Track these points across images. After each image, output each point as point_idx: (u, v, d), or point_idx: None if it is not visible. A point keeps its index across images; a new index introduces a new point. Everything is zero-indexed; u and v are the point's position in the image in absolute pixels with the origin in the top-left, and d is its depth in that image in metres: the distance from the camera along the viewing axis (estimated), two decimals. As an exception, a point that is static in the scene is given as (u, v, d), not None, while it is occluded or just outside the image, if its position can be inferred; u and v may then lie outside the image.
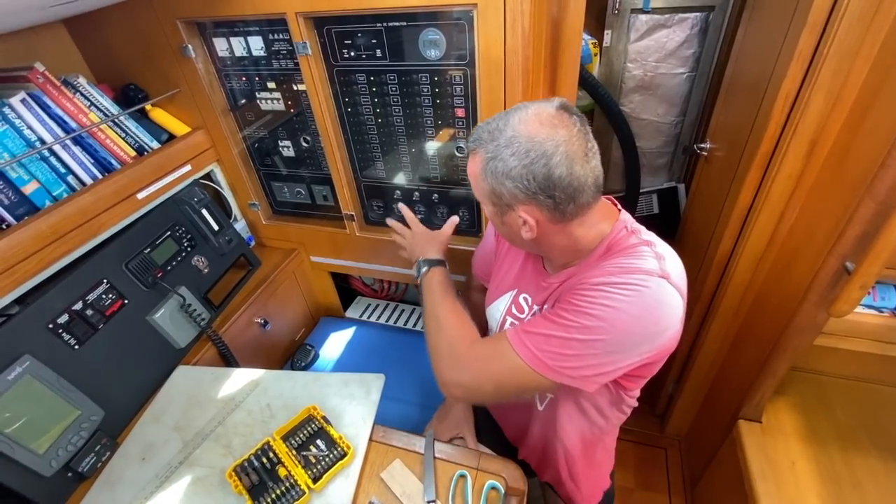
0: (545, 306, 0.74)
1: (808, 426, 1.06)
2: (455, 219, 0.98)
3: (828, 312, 0.82)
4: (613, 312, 0.58)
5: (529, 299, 0.79)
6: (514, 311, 0.81)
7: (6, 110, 0.86)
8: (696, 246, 1.39)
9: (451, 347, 0.72)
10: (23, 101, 0.88)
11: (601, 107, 1.64)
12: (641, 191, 1.81)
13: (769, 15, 1.05)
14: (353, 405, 0.88)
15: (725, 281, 1.15)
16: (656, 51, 1.58)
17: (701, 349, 1.29)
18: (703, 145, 1.40)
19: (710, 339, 1.25)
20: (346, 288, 1.60)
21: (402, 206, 1.01)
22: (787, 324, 0.92)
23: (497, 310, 0.84)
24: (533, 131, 0.59)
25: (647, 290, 0.59)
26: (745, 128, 1.05)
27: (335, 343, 1.39)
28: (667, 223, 1.82)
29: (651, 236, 0.67)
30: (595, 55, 1.64)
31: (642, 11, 1.54)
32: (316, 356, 1.34)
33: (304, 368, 1.29)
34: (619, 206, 0.72)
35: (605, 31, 1.61)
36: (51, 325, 0.82)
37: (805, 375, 1.15)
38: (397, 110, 1.00)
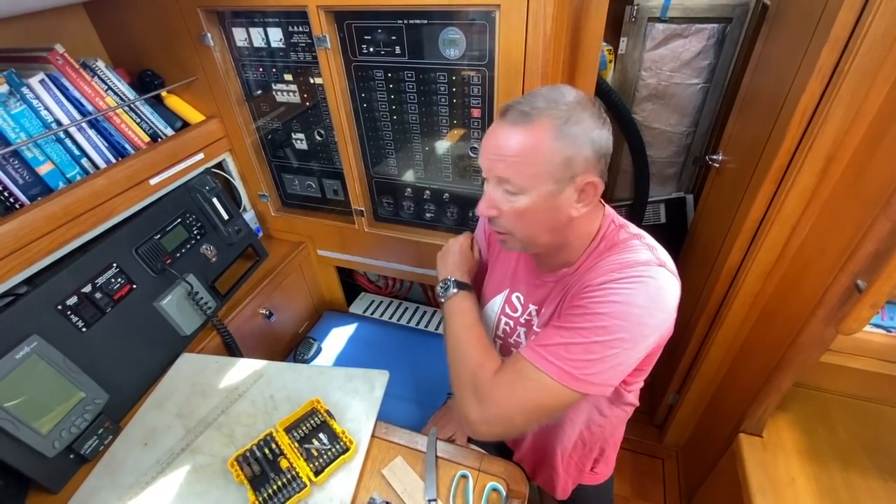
0: (544, 308, 0.75)
1: (810, 443, 1.05)
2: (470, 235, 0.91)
3: (836, 330, 0.81)
4: (625, 307, 0.59)
5: (522, 297, 0.80)
6: (507, 310, 0.82)
7: (25, 90, 0.86)
8: (703, 257, 1.38)
9: (473, 377, 0.66)
10: (41, 81, 0.88)
11: (613, 114, 1.64)
12: (649, 200, 1.81)
13: (789, 30, 1.05)
14: (356, 400, 0.88)
15: (732, 293, 1.14)
16: (671, 60, 1.58)
17: (704, 360, 1.28)
18: (714, 157, 1.39)
19: (713, 351, 1.25)
20: (351, 283, 1.60)
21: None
22: (793, 339, 0.92)
23: (492, 310, 0.85)
24: (591, 99, 0.61)
25: (651, 279, 0.60)
26: (759, 141, 1.05)
27: (338, 338, 1.39)
28: (673, 234, 1.82)
29: (638, 230, 0.69)
30: (610, 62, 1.64)
31: (659, 20, 1.54)
32: (318, 350, 1.34)
33: (307, 362, 1.29)
34: (604, 202, 0.73)
35: (621, 39, 1.61)
36: (59, 307, 0.82)
37: (808, 392, 1.14)
38: (413, 108, 1.00)
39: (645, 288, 0.60)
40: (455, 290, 0.78)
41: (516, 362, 0.64)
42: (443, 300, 0.79)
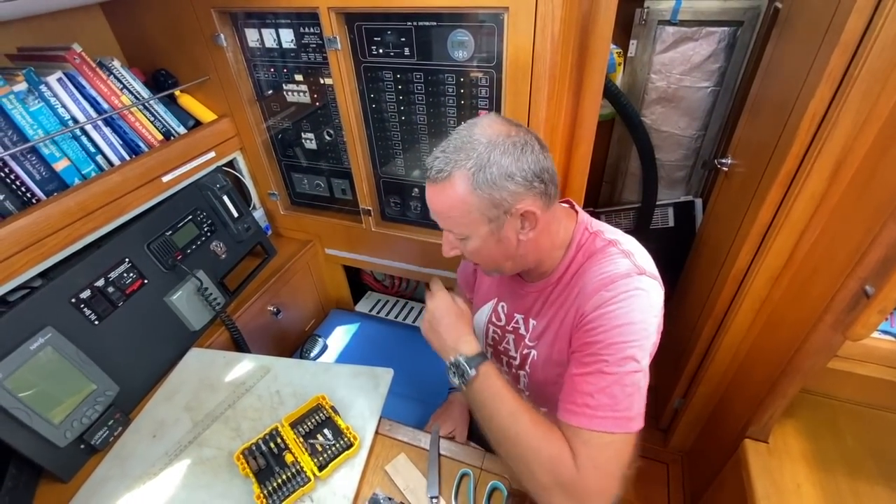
0: (532, 318, 0.77)
1: (816, 450, 1.04)
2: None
3: (844, 335, 0.81)
4: (628, 328, 0.60)
5: (506, 307, 0.82)
6: (494, 319, 0.85)
7: (43, 88, 0.88)
8: (711, 261, 1.38)
9: (555, 476, 0.58)
10: (59, 80, 0.90)
11: (622, 116, 1.64)
12: (657, 203, 1.80)
13: (799, 34, 1.04)
14: (361, 397, 0.89)
15: (740, 298, 1.14)
16: (681, 63, 1.58)
17: (710, 365, 1.27)
18: (723, 160, 1.38)
19: (720, 356, 1.24)
20: (357, 282, 1.61)
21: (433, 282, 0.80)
22: (800, 344, 0.91)
23: (481, 318, 0.87)
24: (501, 130, 0.62)
25: (639, 291, 0.62)
26: (768, 145, 1.04)
27: (344, 335, 1.40)
28: (682, 237, 1.81)
29: (614, 234, 0.70)
30: (619, 65, 1.64)
31: (669, 23, 1.53)
32: (324, 347, 1.35)
33: (313, 359, 1.30)
34: (577, 208, 0.75)
35: (631, 41, 1.61)
36: (73, 300, 0.84)
37: (815, 398, 1.13)
38: (421, 109, 1.01)
39: (637, 302, 0.61)
40: (473, 372, 0.65)
41: (580, 438, 0.58)
42: (463, 387, 0.66)
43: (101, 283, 0.88)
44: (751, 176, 1.15)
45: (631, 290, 0.61)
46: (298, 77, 1.08)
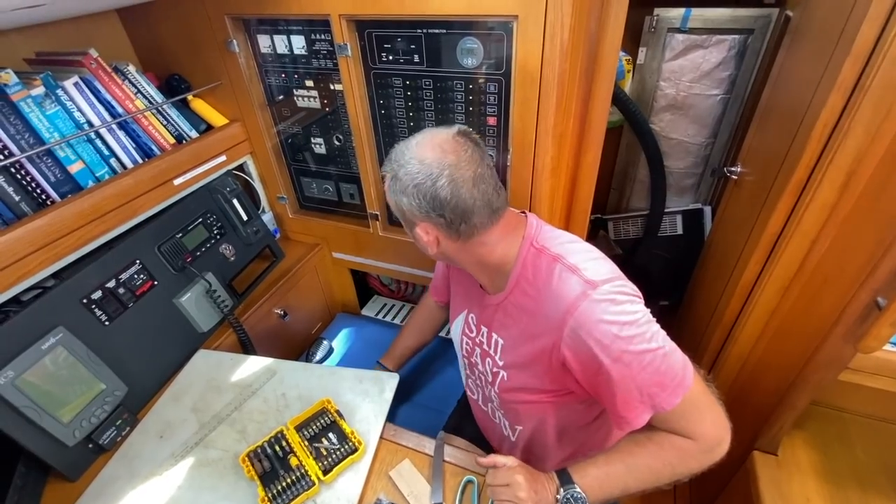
0: (494, 333, 0.77)
1: (826, 463, 1.03)
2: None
3: (855, 348, 0.80)
4: (624, 328, 0.60)
5: (475, 318, 0.82)
6: (466, 330, 0.85)
7: (59, 92, 0.90)
8: (719, 270, 1.37)
9: (695, 460, 0.64)
10: (75, 84, 0.92)
11: (631, 123, 1.64)
12: (666, 210, 1.79)
13: (811, 42, 1.04)
14: (366, 402, 0.89)
15: (749, 307, 1.13)
16: (691, 71, 1.57)
17: (718, 375, 1.26)
18: (733, 168, 1.38)
19: (727, 366, 1.23)
20: (364, 286, 1.62)
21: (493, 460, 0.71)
22: (811, 356, 0.90)
23: (456, 330, 0.89)
24: (423, 154, 0.65)
25: (601, 304, 0.61)
26: (779, 154, 1.04)
27: (350, 339, 1.40)
28: (690, 245, 1.79)
29: (558, 248, 0.68)
30: (628, 72, 1.64)
31: (679, 31, 1.53)
32: (330, 350, 1.35)
33: (319, 362, 1.31)
34: (528, 220, 0.73)
35: (640, 49, 1.61)
36: (84, 301, 0.85)
37: (826, 411, 1.12)
38: (429, 115, 1.01)
39: (605, 314, 0.60)
40: (573, 486, 0.65)
41: (671, 420, 0.63)
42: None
43: (112, 284, 0.89)
44: (761, 184, 1.14)
45: (593, 312, 0.61)
46: (309, 83, 1.09)
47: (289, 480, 0.75)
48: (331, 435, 0.83)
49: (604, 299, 0.61)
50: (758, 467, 1.03)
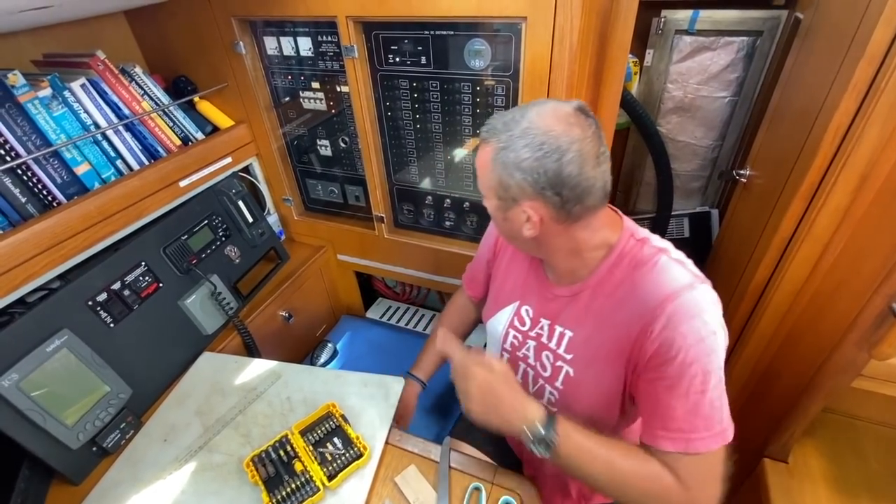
0: (560, 327, 0.73)
1: (838, 472, 1.01)
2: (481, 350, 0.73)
3: (869, 354, 0.78)
4: (706, 343, 0.58)
5: (531, 311, 0.78)
6: (516, 323, 0.80)
7: (67, 94, 0.90)
8: (728, 274, 1.35)
9: (668, 502, 0.61)
10: (83, 86, 0.92)
11: (637, 126, 1.62)
12: (673, 213, 1.78)
13: (822, 44, 1.02)
14: (371, 406, 0.88)
15: (759, 312, 1.11)
16: (698, 73, 1.56)
17: (728, 380, 1.24)
18: (742, 171, 1.36)
19: (737, 371, 1.21)
20: (369, 288, 1.61)
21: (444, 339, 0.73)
22: (823, 362, 0.89)
23: (499, 322, 0.82)
24: (549, 125, 0.58)
25: (705, 303, 0.59)
26: (790, 157, 1.02)
27: (354, 342, 1.40)
28: (697, 248, 1.78)
29: (662, 242, 0.67)
30: (635, 74, 1.63)
31: (687, 33, 1.52)
32: (335, 353, 1.35)
33: (323, 365, 1.30)
34: (621, 214, 0.72)
35: (647, 51, 1.60)
36: (90, 303, 0.85)
37: (838, 418, 1.10)
38: (436, 117, 1.01)
39: (706, 315, 0.59)
40: (554, 434, 0.61)
41: (681, 462, 0.60)
42: (547, 454, 0.62)
43: (117, 286, 0.89)
44: (771, 187, 1.13)
45: (698, 304, 0.59)
46: (315, 84, 1.09)
47: (293, 486, 0.75)
48: (336, 440, 0.82)
49: (709, 299, 0.60)
50: (768, 475, 1.01)
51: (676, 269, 0.62)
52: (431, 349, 1.02)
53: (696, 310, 0.58)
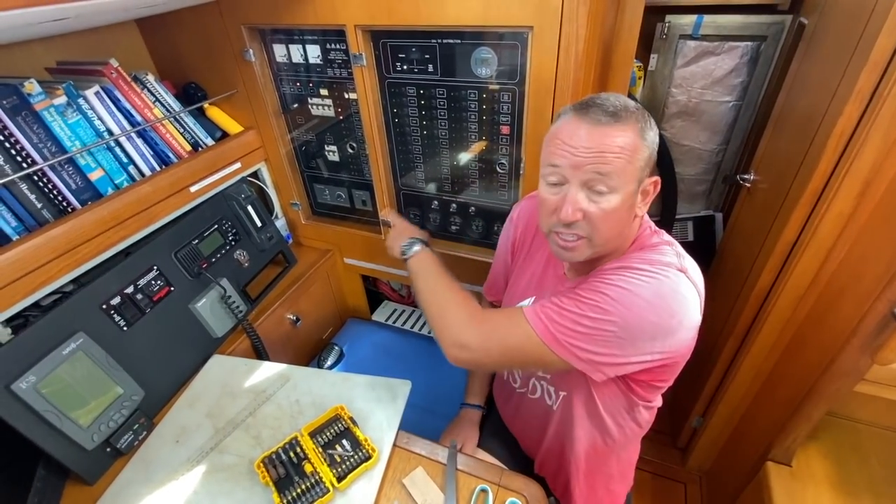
0: None
1: (842, 475, 1.01)
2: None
3: (872, 359, 0.79)
4: (628, 295, 0.60)
5: None
6: None
7: (81, 101, 0.92)
8: (732, 278, 1.36)
9: (459, 309, 0.72)
10: (96, 93, 0.94)
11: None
12: (677, 217, 1.79)
13: (826, 50, 1.03)
14: (379, 409, 0.90)
15: (762, 316, 1.12)
16: (703, 77, 1.57)
17: (731, 384, 1.25)
18: (746, 176, 1.37)
19: (741, 374, 1.22)
20: (374, 291, 1.63)
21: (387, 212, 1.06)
22: (826, 366, 0.89)
23: None
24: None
25: (665, 279, 0.61)
26: (793, 162, 1.03)
27: (360, 344, 1.41)
28: (701, 252, 1.78)
29: (671, 239, 0.70)
30: (639, 78, 1.64)
31: (691, 38, 1.53)
32: (341, 356, 1.36)
33: (330, 367, 1.31)
34: None
35: (651, 55, 1.61)
36: (104, 306, 0.87)
37: (841, 422, 1.10)
38: (443, 124, 1.02)
39: (657, 284, 0.60)
40: (418, 248, 0.88)
41: (513, 312, 0.68)
42: (406, 257, 0.88)
43: (130, 289, 0.91)
44: (775, 192, 1.14)
45: (660, 275, 0.61)
46: (323, 91, 1.11)
47: (303, 487, 0.76)
48: (344, 442, 0.83)
49: (676, 284, 0.61)
50: (772, 478, 1.02)
51: (669, 255, 0.65)
52: (475, 376, 1.09)
53: (652, 274, 0.61)
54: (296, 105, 1.17)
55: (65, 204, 0.89)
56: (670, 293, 0.60)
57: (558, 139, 0.62)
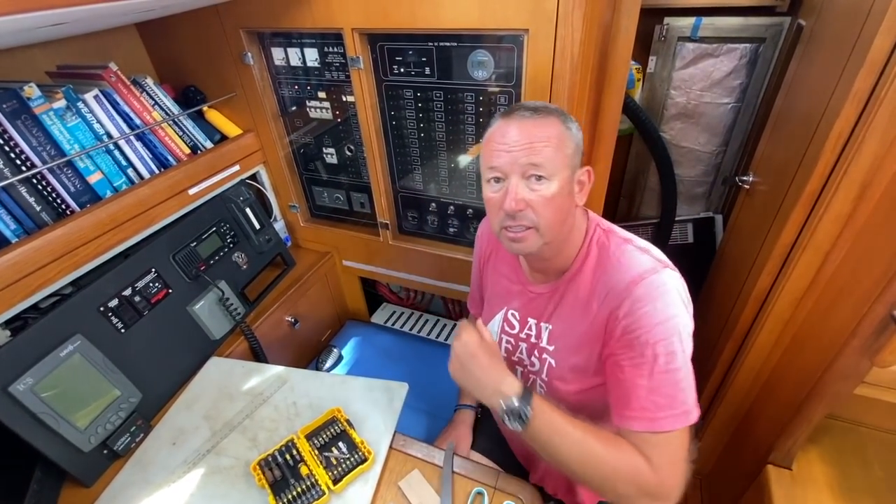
0: (544, 323, 0.76)
1: (843, 479, 1.01)
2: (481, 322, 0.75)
3: (871, 362, 0.79)
4: (668, 324, 0.61)
5: (518, 314, 0.81)
6: (506, 328, 0.84)
7: (80, 105, 0.92)
8: (732, 280, 1.35)
9: (638, 486, 0.60)
10: (96, 97, 0.94)
11: (641, 132, 1.63)
12: (676, 219, 1.78)
13: (824, 52, 1.03)
14: (375, 411, 0.89)
15: (762, 318, 1.11)
16: (701, 79, 1.57)
17: (731, 386, 1.24)
18: (745, 178, 1.36)
19: (741, 377, 1.21)
20: (373, 294, 1.63)
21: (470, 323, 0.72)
22: (826, 369, 0.89)
23: (493, 332, 0.85)
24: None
25: (667, 286, 0.63)
26: (792, 164, 1.03)
27: (359, 347, 1.41)
28: (701, 254, 1.78)
29: (626, 233, 0.72)
30: (638, 80, 1.64)
31: (690, 40, 1.53)
32: (339, 358, 1.36)
33: (329, 370, 1.31)
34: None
35: (650, 57, 1.61)
36: (101, 308, 0.87)
37: (842, 425, 1.09)
38: (440, 126, 1.02)
39: (669, 296, 0.62)
40: (530, 412, 0.62)
41: (649, 443, 0.60)
42: (520, 428, 0.62)
43: (128, 292, 0.91)
44: (773, 194, 1.13)
45: (661, 286, 0.62)
46: (321, 94, 1.11)
47: (299, 489, 0.76)
48: (341, 444, 0.83)
49: (672, 283, 0.63)
50: (772, 482, 1.01)
51: (641, 257, 0.66)
52: None
53: (659, 292, 0.62)
54: (294, 108, 1.17)
55: (63, 207, 0.90)
56: (677, 292, 0.63)
57: (493, 142, 0.66)
